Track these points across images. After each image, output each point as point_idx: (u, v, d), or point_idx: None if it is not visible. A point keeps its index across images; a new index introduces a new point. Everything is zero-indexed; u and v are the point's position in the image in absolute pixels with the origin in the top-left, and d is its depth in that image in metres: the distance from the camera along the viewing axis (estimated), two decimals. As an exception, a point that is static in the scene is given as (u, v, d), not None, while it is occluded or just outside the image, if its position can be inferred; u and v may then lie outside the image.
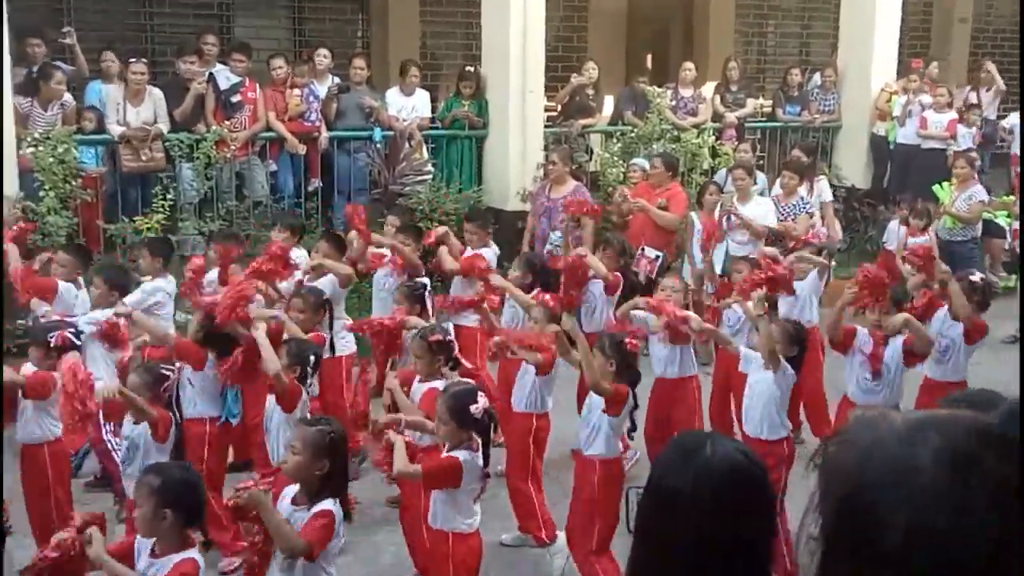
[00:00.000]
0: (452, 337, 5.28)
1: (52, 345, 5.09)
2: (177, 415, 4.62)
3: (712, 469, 1.83)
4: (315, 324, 5.95)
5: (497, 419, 4.65)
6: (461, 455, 4.28)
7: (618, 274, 6.92)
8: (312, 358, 5.10)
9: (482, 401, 4.28)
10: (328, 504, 3.81)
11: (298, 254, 7.17)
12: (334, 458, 3.88)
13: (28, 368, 5.21)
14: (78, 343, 5.23)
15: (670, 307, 5.77)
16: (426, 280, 6.78)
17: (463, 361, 5.42)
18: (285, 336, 5.51)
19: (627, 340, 5.11)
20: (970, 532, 1.00)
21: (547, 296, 5.75)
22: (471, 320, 6.85)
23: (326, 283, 6.50)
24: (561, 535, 5.42)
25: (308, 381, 5.06)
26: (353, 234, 7.13)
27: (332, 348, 6.16)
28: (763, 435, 5.33)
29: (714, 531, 1.76)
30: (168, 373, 4.64)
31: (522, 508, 5.61)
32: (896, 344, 5.71)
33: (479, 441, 4.33)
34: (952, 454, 1.03)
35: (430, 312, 6.29)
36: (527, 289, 6.46)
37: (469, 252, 7.29)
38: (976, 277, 6.34)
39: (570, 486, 5.36)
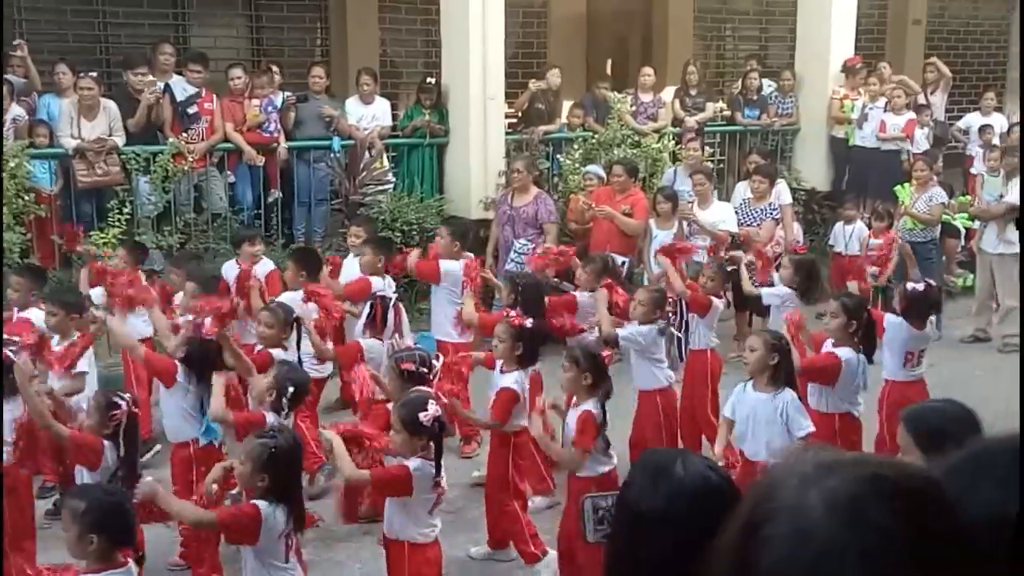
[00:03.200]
0: (428, 367, 5.16)
1: None
2: (121, 446, 4.51)
3: (684, 487, 1.85)
4: (282, 340, 5.85)
5: (452, 429, 4.64)
6: (412, 463, 4.29)
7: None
8: (291, 389, 4.95)
9: (432, 409, 4.27)
10: (258, 501, 3.89)
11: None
12: (275, 471, 3.91)
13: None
14: (13, 359, 4.94)
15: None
16: (385, 290, 6.70)
17: (443, 397, 5.29)
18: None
19: (602, 353, 5.15)
20: None
21: (512, 313, 5.67)
22: (454, 336, 6.84)
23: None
24: (552, 553, 5.33)
25: (284, 412, 4.92)
26: None
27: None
28: (759, 458, 5.12)
29: (690, 548, 1.77)
30: (120, 402, 4.55)
31: (507, 526, 5.50)
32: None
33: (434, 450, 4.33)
34: (839, 499, 0.98)
35: (389, 323, 6.21)
36: (513, 308, 6.42)
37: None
38: (919, 285, 6.23)
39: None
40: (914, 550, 0.96)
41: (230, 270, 7.39)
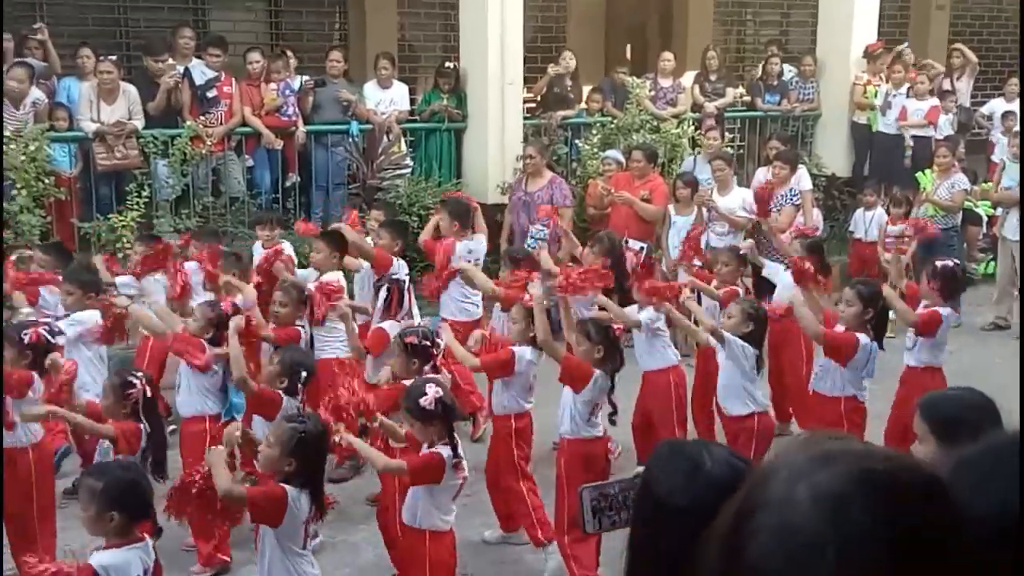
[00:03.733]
0: (431, 342, 5.13)
1: (26, 343, 4.95)
2: (145, 424, 4.52)
3: (712, 479, 1.84)
4: (296, 319, 5.91)
5: (461, 411, 4.68)
6: (444, 451, 4.28)
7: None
8: (304, 373, 4.99)
9: (431, 392, 4.25)
10: (285, 485, 3.87)
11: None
12: (303, 456, 3.90)
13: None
14: (53, 341, 5.07)
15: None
16: (400, 274, 6.68)
17: (445, 372, 5.29)
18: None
19: (613, 326, 5.24)
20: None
21: (527, 296, 5.58)
22: (459, 315, 6.85)
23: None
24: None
25: (298, 396, 4.95)
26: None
27: (311, 345, 6.10)
28: (731, 412, 5.60)
29: None
30: (135, 380, 4.57)
31: (515, 508, 5.52)
32: None
33: (444, 434, 4.33)
34: (825, 494, 0.97)
35: (405, 306, 6.20)
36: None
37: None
38: (948, 262, 6.21)
39: (552, 480, 5.37)
40: (897, 549, 0.94)
41: (259, 252, 7.41)
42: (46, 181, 8.03)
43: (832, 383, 5.63)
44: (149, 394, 4.58)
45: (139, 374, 4.70)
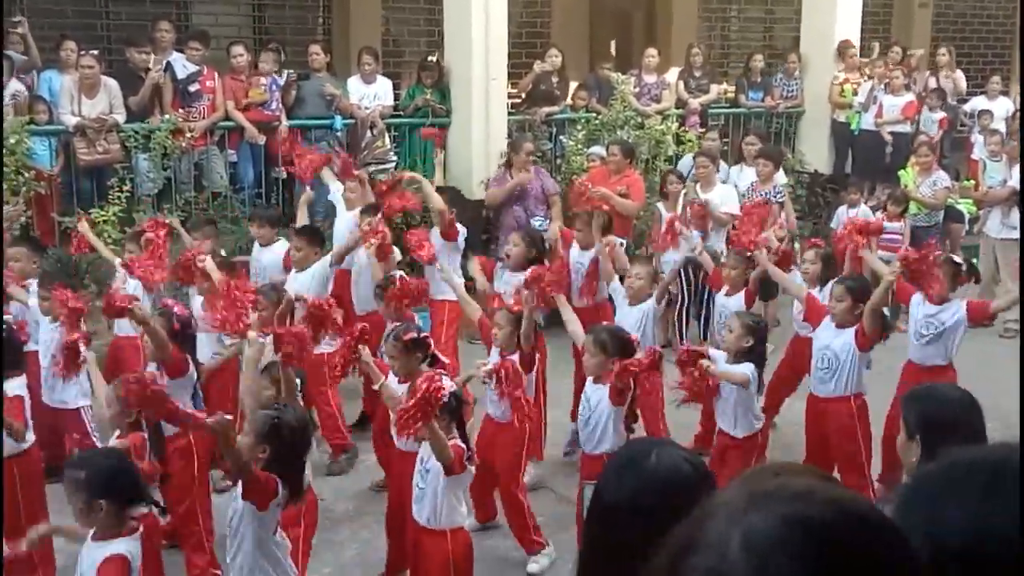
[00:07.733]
0: (427, 334, 5.14)
1: None
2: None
3: (656, 478, 1.87)
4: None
5: (467, 402, 4.64)
6: (458, 442, 4.22)
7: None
8: (299, 381, 4.77)
9: (447, 385, 4.16)
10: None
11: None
12: (275, 445, 3.86)
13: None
14: None
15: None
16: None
17: (440, 356, 5.19)
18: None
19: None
20: None
21: (511, 301, 5.48)
22: (447, 294, 6.72)
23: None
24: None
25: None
26: None
27: None
28: (736, 432, 5.41)
29: (660, 537, 1.76)
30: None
31: (518, 518, 5.40)
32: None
33: (454, 427, 4.28)
34: (756, 541, 0.92)
35: None
36: (528, 264, 6.25)
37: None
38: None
39: (562, 491, 5.41)
40: None
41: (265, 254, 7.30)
42: (25, 175, 7.96)
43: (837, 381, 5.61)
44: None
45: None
